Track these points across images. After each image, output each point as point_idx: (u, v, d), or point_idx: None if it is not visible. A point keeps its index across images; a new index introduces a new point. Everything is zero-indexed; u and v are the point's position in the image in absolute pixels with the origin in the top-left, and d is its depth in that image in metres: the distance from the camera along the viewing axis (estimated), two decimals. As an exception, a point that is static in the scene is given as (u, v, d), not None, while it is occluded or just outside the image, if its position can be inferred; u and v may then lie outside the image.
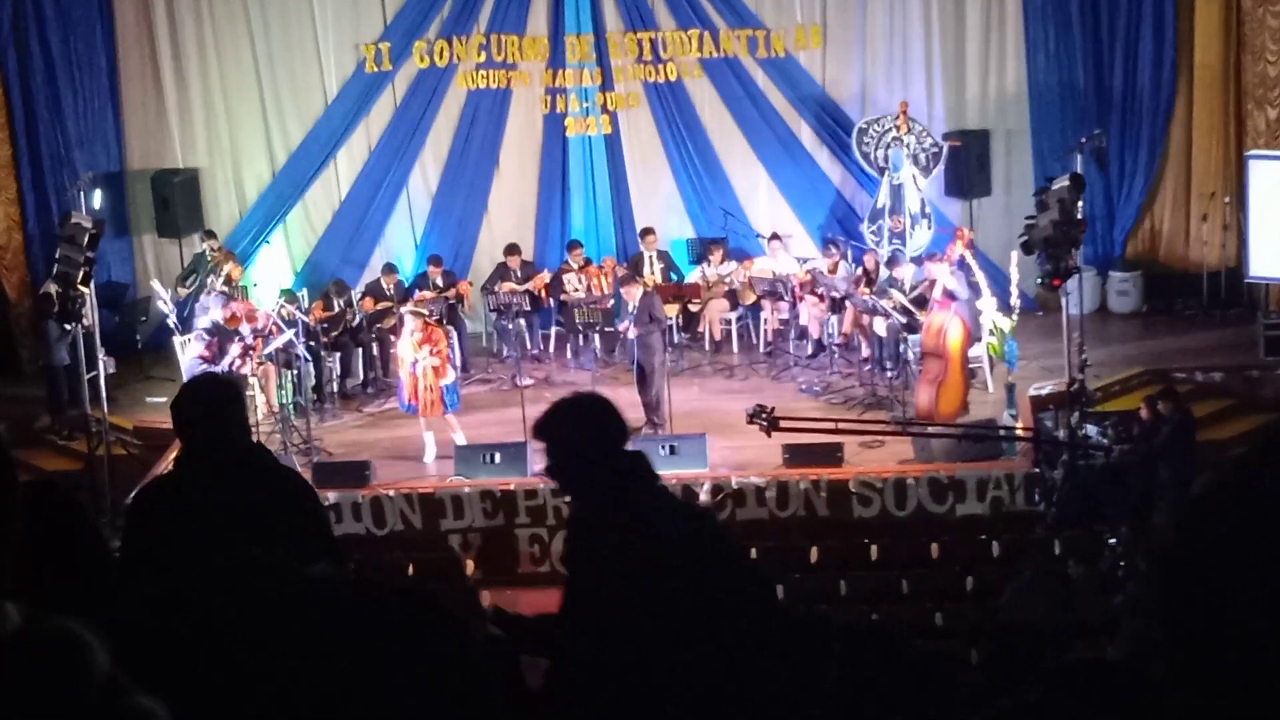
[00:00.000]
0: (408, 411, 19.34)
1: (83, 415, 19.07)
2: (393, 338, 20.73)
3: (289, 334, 19.76)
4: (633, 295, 19.59)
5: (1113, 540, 16.10)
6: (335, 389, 21.36)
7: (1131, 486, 17.04)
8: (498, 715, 2.00)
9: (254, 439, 5.87)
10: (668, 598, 5.19)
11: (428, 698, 1.87)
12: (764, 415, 14.73)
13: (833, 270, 21.76)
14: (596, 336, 21.72)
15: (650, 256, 22.67)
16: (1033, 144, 23.36)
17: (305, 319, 20.43)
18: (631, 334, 19.31)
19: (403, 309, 20.42)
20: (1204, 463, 16.64)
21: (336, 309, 21.69)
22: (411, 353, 19.01)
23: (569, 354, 22.48)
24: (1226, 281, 22.60)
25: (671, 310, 21.69)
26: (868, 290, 20.83)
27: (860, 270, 21.55)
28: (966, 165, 22.95)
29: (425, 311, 20.05)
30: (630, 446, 5.55)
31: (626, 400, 19.72)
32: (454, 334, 21.90)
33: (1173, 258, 23.63)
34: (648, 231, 22.94)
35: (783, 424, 14.96)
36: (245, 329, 19.57)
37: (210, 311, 19.88)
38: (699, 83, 23.76)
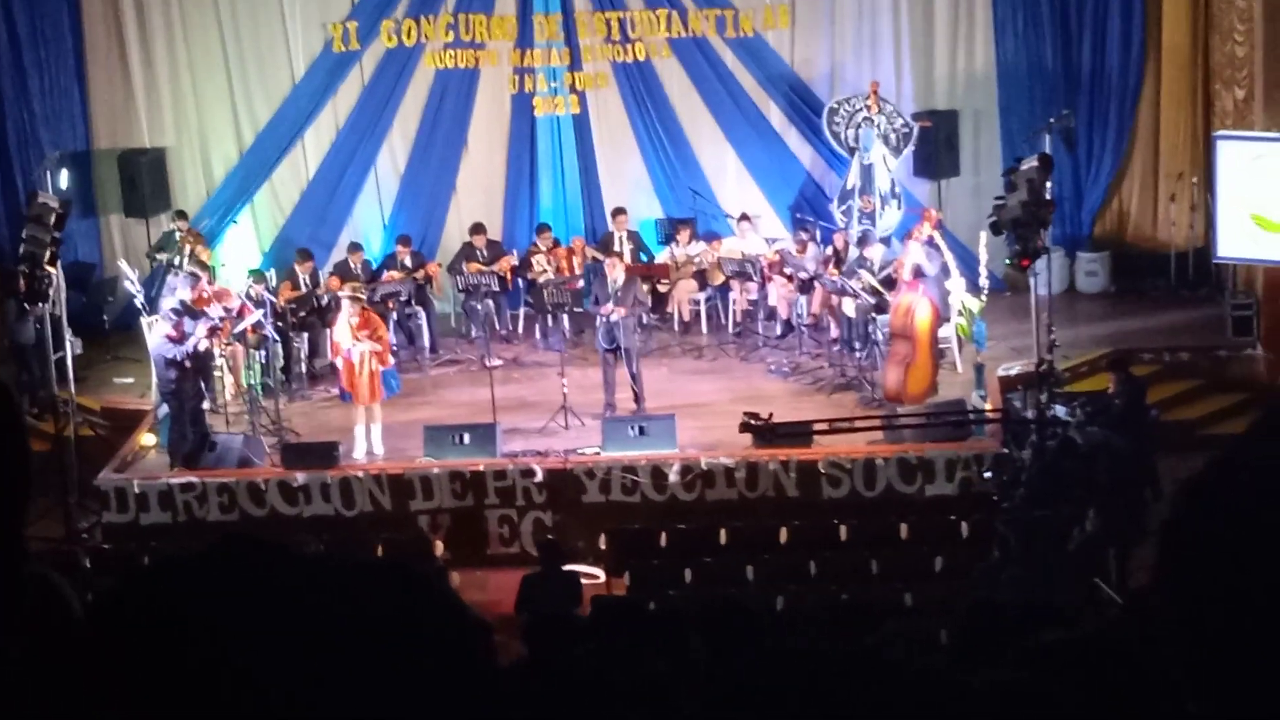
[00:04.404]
0: (345, 401, 19.28)
1: (50, 396, 18.97)
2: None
3: (258, 314, 19.69)
4: (615, 272, 19.58)
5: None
6: (303, 369, 21.30)
7: (1099, 464, 17.06)
8: (482, 690, 1.99)
9: None
10: None
11: (421, 671, 1.87)
12: (760, 424, 14.57)
13: (801, 251, 21.75)
14: (565, 317, 21.69)
15: (621, 236, 22.64)
16: (1001, 124, 23.37)
17: (273, 299, 20.35)
18: (616, 316, 19.24)
19: (340, 292, 20.29)
20: (1168, 439, 16.67)
21: (304, 288, 21.62)
22: (348, 339, 18.91)
23: (538, 335, 22.45)
24: (1194, 262, 22.65)
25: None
26: (836, 271, 20.83)
27: (829, 250, 21.56)
28: (935, 145, 22.94)
29: (361, 296, 19.95)
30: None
31: (593, 381, 19.76)
32: (423, 315, 21.88)
33: (1140, 238, 23.68)
34: (619, 211, 22.90)
35: (780, 430, 14.87)
36: (215, 309, 19.47)
37: (178, 292, 19.77)
38: (667, 62, 23.71)
